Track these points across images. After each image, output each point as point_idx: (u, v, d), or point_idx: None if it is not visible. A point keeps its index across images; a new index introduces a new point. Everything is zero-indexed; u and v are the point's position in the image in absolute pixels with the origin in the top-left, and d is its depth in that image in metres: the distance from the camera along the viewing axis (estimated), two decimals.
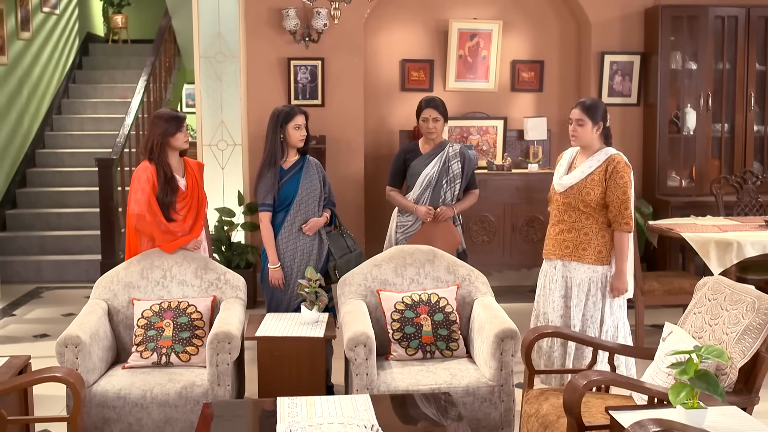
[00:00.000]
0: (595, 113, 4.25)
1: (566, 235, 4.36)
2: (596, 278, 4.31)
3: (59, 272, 8.05)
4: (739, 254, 5.18)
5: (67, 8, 10.67)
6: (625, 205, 4.23)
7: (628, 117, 7.31)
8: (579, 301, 4.34)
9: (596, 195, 4.25)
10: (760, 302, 3.26)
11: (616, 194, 4.22)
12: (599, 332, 4.36)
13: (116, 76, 10.99)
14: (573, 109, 4.30)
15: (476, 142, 7.25)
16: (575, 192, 4.29)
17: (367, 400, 3.31)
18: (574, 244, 4.33)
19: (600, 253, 4.29)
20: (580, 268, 4.32)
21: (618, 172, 4.21)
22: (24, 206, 8.91)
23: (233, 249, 6.92)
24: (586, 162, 4.29)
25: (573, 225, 4.34)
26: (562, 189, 4.34)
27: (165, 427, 3.88)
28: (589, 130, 4.26)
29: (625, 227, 4.24)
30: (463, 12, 7.35)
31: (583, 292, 4.33)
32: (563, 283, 4.38)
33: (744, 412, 2.99)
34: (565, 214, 4.37)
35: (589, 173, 4.26)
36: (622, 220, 4.23)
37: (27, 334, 6.22)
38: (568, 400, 3.08)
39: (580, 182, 4.27)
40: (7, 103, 8.71)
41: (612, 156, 4.26)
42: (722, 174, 6.92)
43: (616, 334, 4.39)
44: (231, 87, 7.13)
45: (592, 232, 4.30)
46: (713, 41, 6.96)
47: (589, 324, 4.35)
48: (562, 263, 4.38)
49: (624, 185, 4.21)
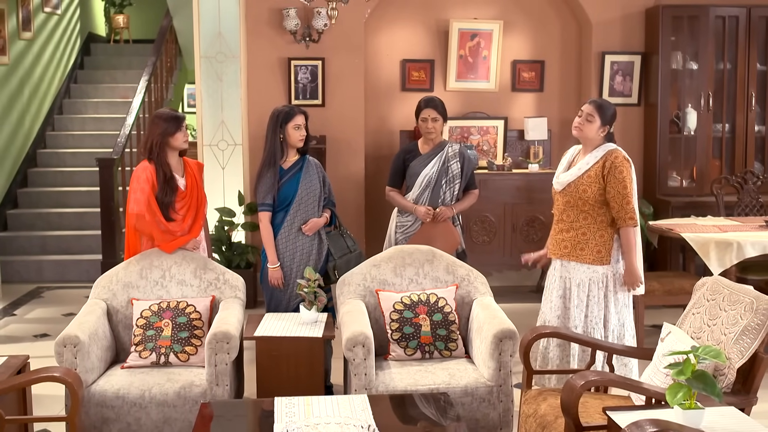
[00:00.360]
0: (606, 114, 4.22)
1: (565, 235, 4.33)
2: (596, 278, 4.27)
3: (60, 272, 8.05)
4: (739, 254, 5.17)
5: (68, 9, 10.68)
6: (627, 200, 4.16)
7: (628, 117, 7.30)
8: (579, 302, 4.30)
9: (593, 192, 4.20)
10: (759, 302, 3.25)
11: (616, 189, 4.15)
12: (604, 333, 4.30)
13: (117, 76, 11.00)
14: (586, 104, 4.26)
15: (477, 142, 7.25)
16: (573, 189, 4.25)
17: (365, 401, 3.31)
18: (572, 243, 4.30)
19: (599, 252, 4.25)
20: (579, 268, 4.30)
21: (616, 166, 4.15)
22: (25, 206, 8.92)
23: (234, 249, 6.92)
24: (585, 159, 4.26)
25: (571, 224, 4.31)
26: (560, 187, 4.33)
27: (164, 426, 3.88)
28: (596, 129, 4.22)
29: (630, 222, 4.17)
30: (464, 12, 7.35)
31: (583, 292, 4.29)
32: (561, 284, 4.36)
33: (741, 412, 2.98)
34: (564, 214, 4.35)
35: (587, 170, 4.23)
36: (625, 215, 4.16)
37: (27, 333, 6.22)
38: (566, 400, 3.07)
39: (578, 179, 4.24)
40: (8, 103, 8.72)
41: (610, 151, 4.21)
42: (723, 174, 6.92)
43: (623, 333, 4.34)
44: (231, 87, 7.13)
45: (590, 231, 4.26)
46: (714, 41, 6.96)
47: (593, 325, 4.29)
48: (561, 263, 4.36)
49: (623, 180, 4.15)
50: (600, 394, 3.68)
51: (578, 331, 4.29)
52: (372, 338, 3.92)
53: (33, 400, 3.97)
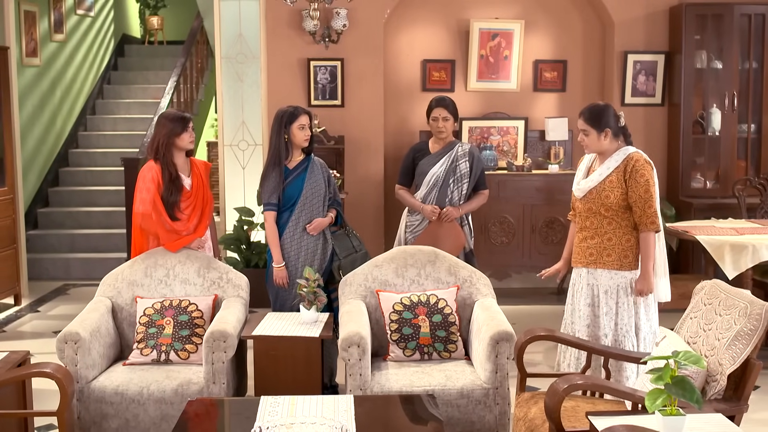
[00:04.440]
0: (599, 121, 4.11)
1: (590, 242, 4.19)
2: (624, 284, 4.14)
3: (87, 270, 8.19)
4: (754, 258, 5.05)
5: (102, 10, 10.87)
6: (649, 204, 4.06)
7: (652, 117, 7.19)
8: (609, 309, 4.16)
9: (616, 197, 4.09)
10: (752, 308, 3.18)
11: (638, 193, 4.05)
12: (637, 340, 4.16)
13: (150, 77, 11.16)
14: (579, 119, 4.20)
15: (497, 142, 7.20)
16: (594, 196, 4.14)
17: (350, 401, 3.31)
18: (598, 250, 4.16)
19: (626, 258, 4.13)
20: (606, 275, 4.16)
21: (637, 170, 4.05)
22: (56, 205, 9.09)
23: (252, 248, 6.97)
24: (604, 164, 4.15)
25: (596, 231, 4.18)
26: (581, 194, 4.21)
27: (161, 423, 3.92)
28: (595, 139, 4.13)
29: (651, 227, 4.07)
30: (485, 12, 7.30)
31: (612, 299, 4.16)
32: (589, 291, 4.21)
33: (729, 420, 2.91)
34: (587, 221, 4.21)
35: (607, 175, 4.12)
36: (647, 219, 4.06)
37: (48, 329, 6.34)
38: (549, 404, 3.04)
39: (599, 185, 4.12)
40: (40, 104, 8.90)
41: (630, 155, 4.10)
42: (748, 176, 6.77)
43: (655, 341, 4.23)
44: (252, 87, 7.20)
45: (616, 236, 4.14)
46: (739, 40, 6.82)
47: (624, 333, 4.15)
48: (587, 271, 4.21)
49: (645, 183, 4.05)
50: (594, 399, 3.62)
51: (608, 340, 4.15)
52: (368, 338, 3.92)
53: (39, 395, 4.06)
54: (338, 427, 2.67)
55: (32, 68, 8.69)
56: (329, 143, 6.88)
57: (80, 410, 3.92)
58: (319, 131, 6.83)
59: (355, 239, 4.92)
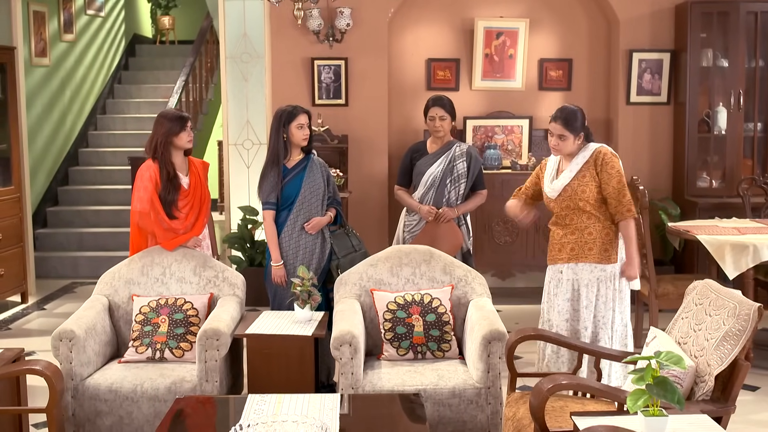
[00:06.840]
0: (575, 125, 4.25)
1: (570, 238, 4.36)
2: (605, 277, 4.31)
3: (94, 268, 8.20)
4: (755, 258, 5.01)
5: (112, 11, 10.93)
6: (623, 193, 4.25)
7: (657, 116, 7.15)
8: (589, 303, 4.32)
9: (592, 191, 4.26)
10: (741, 308, 3.15)
11: (611, 185, 4.24)
12: (611, 333, 4.33)
13: (161, 77, 11.21)
14: (553, 123, 4.27)
15: (501, 141, 7.18)
16: (570, 194, 4.29)
17: (336, 400, 3.31)
18: (579, 245, 4.33)
19: (606, 251, 4.30)
20: (588, 269, 4.32)
21: (607, 163, 4.24)
22: (65, 203, 9.16)
23: (256, 247, 6.99)
24: (573, 162, 4.31)
25: (576, 227, 4.35)
26: (555, 194, 4.34)
27: (154, 420, 3.94)
28: (571, 143, 4.29)
29: (628, 214, 4.25)
30: (489, 10, 7.28)
31: (592, 292, 4.32)
32: (569, 287, 4.36)
33: (714, 421, 2.89)
34: (566, 218, 4.38)
35: (578, 171, 4.27)
36: (623, 208, 4.25)
37: (53, 327, 6.29)
38: (533, 404, 3.03)
39: (572, 182, 4.28)
40: (50, 103, 8.97)
41: (597, 149, 4.29)
42: (754, 175, 6.70)
43: (625, 334, 4.38)
44: (256, 87, 7.22)
45: (596, 230, 4.31)
46: (745, 38, 6.76)
47: (601, 326, 4.32)
48: (568, 266, 4.36)
49: (617, 174, 4.24)
50: (584, 399, 3.61)
51: (587, 333, 4.33)
52: (360, 338, 3.92)
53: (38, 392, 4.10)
54: (318, 425, 2.68)
55: (41, 68, 8.76)
56: (333, 142, 6.89)
57: (75, 407, 3.95)
58: (323, 130, 6.85)
59: (354, 238, 4.93)
